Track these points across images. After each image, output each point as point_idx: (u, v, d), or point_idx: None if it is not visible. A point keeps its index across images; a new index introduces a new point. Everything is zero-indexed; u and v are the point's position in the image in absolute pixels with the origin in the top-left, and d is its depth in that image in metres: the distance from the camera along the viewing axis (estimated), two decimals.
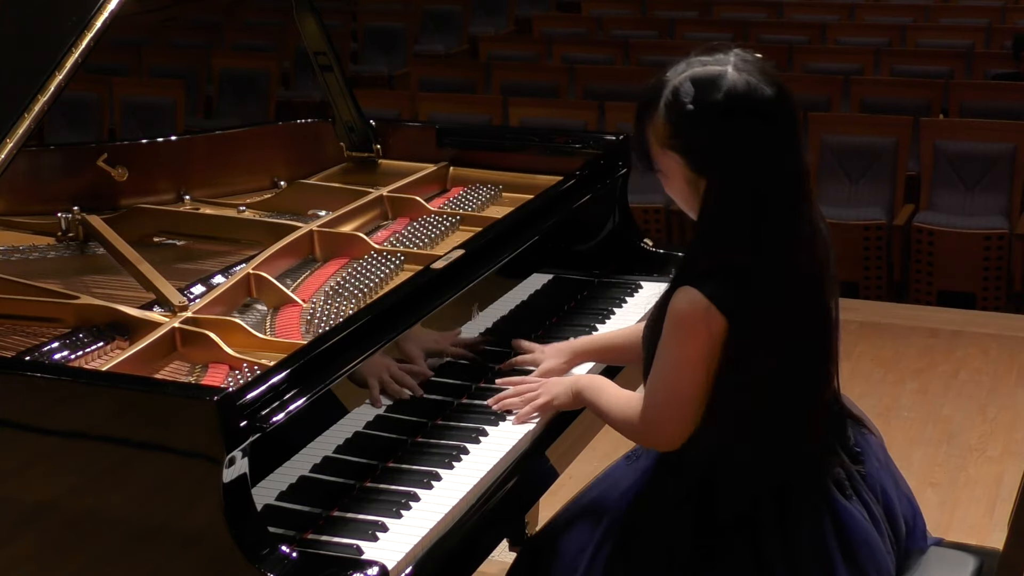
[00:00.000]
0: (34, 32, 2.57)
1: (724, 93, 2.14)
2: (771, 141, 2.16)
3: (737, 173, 2.16)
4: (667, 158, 2.22)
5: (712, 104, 2.15)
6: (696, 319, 2.17)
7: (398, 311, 2.45)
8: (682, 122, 2.17)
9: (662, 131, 2.20)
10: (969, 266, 6.42)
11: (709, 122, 2.16)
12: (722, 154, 2.16)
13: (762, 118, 2.16)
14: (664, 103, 2.19)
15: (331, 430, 2.27)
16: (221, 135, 3.55)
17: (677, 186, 2.25)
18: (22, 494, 2.13)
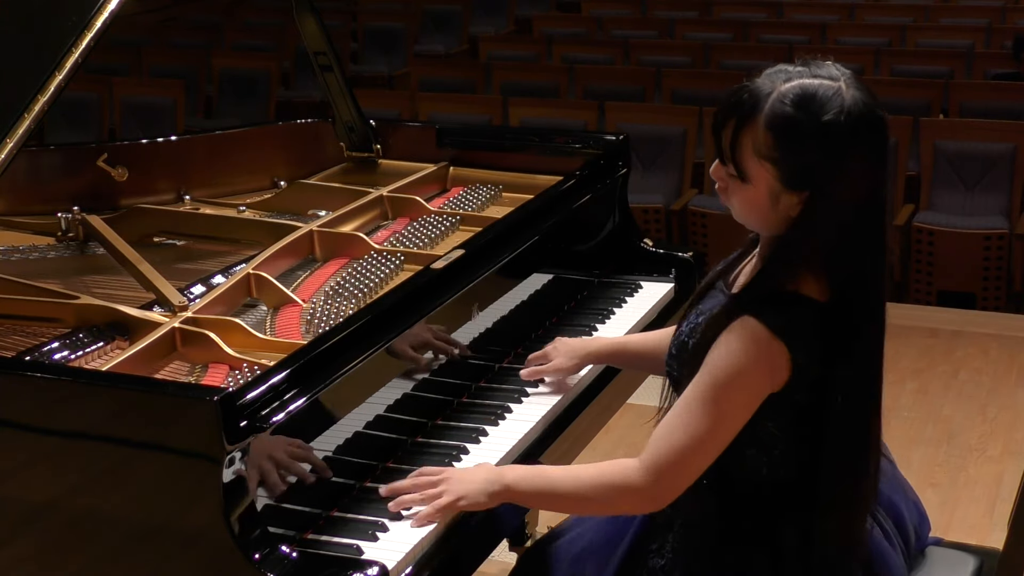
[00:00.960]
0: (34, 32, 2.57)
1: (841, 109, 2.04)
2: (878, 163, 2.08)
3: (839, 193, 2.06)
4: (758, 167, 2.08)
5: (826, 122, 2.04)
6: (760, 352, 2.07)
7: (398, 311, 2.45)
8: (788, 135, 2.05)
9: (762, 140, 2.06)
10: (969, 266, 6.42)
11: (819, 139, 2.04)
12: (826, 172, 2.05)
13: (875, 139, 2.07)
14: (770, 111, 2.06)
15: (331, 430, 2.27)
16: (221, 135, 3.55)
17: (755, 197, 2.11)
18: (22, 494, 2.13)
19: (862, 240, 2.10)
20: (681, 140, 7.21)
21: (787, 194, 2.09)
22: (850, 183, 2.06)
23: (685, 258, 3.32)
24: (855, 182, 2.07)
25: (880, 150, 2.09)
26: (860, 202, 2.08)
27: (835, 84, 2.08)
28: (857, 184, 2.07)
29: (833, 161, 2.05)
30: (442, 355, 2.59)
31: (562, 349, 2.70)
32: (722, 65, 8.82)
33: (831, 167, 2.05)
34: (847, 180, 2.06)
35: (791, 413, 2.14)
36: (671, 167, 7.18)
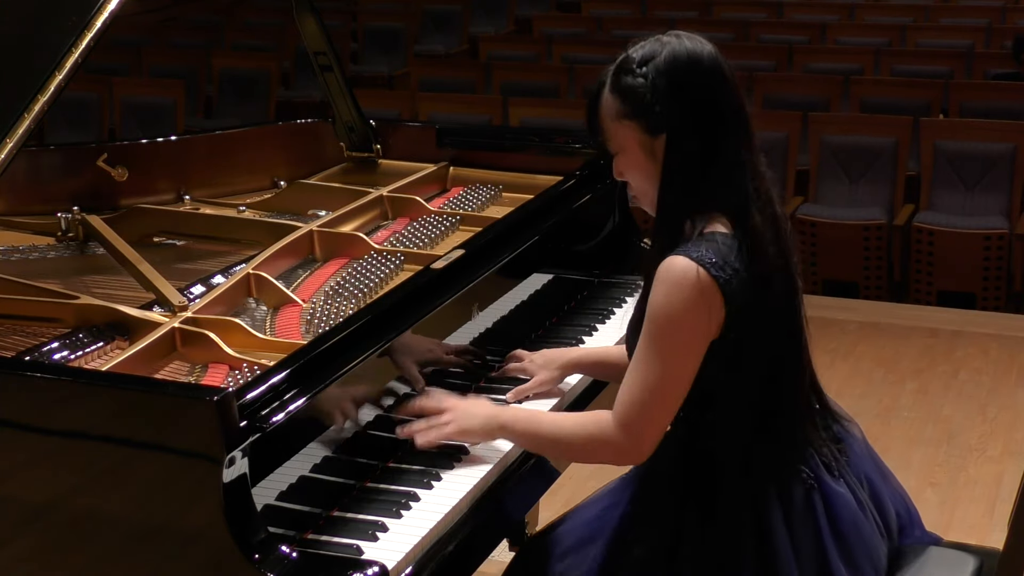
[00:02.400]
0: (34, 32, 2.57)
1: (665, 55, 2.22)
2: (716, 89, 2.23)
3: (688, 120, 2.21)
4: (621, 130, 2.26)
5: (655, 66, 2.22)
6: (689, 286, 2.15)
7: (398, 311, 2.45)
8: (628, 89, 2.23)
9: (611, 105, 2.26)
10: (969, 266, 6.42)
11: (654, 82, 2.21)
12: (671, 111, 2.20)
13: (705, 68, 2.22)
14: (609, 81, 2.26)
15: (331, 430, 2.27)
16: (221, 135, 3.55)
17: (634, 160, 2.28)
18: (22, 494, 2.13)
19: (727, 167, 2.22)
20: None
21: (655, 142, 2.24)
22: (687, 112, 2.21)
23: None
24: (699, 108, 2.21)
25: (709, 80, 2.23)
26: (713, 124, 2.22)
27: (662, 40, 2.26)
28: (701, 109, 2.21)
29: (670, 97, 2.21)
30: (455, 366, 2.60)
31: (540, 361, 2.66)
32: None
33: (669, 102, 2.21)
34: (684, 110, 2.21)
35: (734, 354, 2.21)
36: None
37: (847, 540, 2.27)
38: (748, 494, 2.26)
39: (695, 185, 2.23)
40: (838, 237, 6.53)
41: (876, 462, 2.46)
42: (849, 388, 5.19)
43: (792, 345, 2.29)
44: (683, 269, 2.15)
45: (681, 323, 2.17)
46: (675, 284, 2.16)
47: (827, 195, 6.86)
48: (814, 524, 2.26)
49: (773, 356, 2.26)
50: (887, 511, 2.40)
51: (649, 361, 2.20)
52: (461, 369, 2.65)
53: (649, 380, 2.20)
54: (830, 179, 6.90)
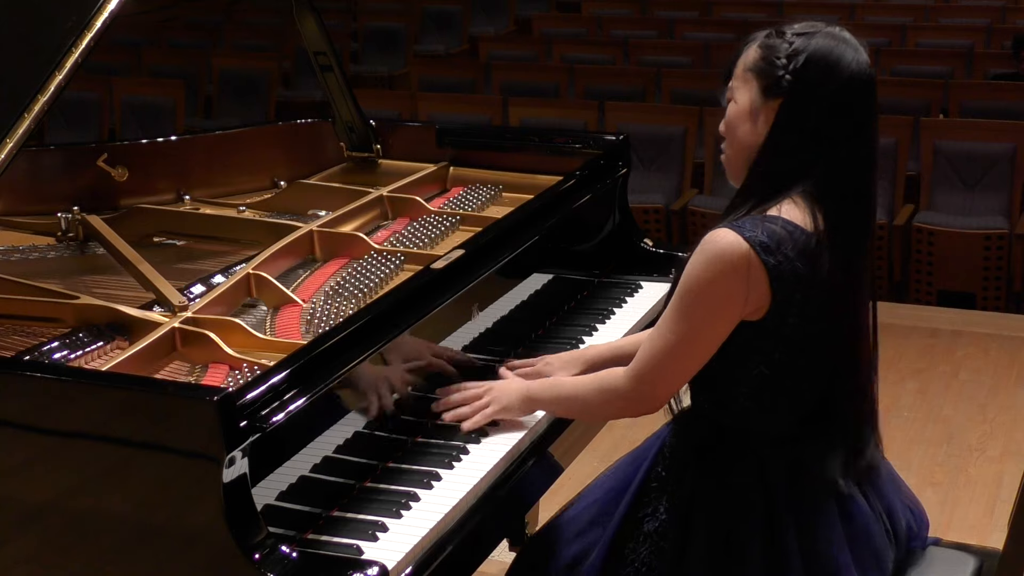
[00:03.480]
0: (34, 32, 2.57)
1: (816, 30, 2.24)
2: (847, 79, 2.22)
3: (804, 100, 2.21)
4: (744, 84, 2.27)
5: (803, 35, 2.23)
6: (733, 261, 2.15)
7: (398, 311, 2.45)
8: (770, 47, 2.25)
9: (751, 57, 2.28)
10: (969, 266, 6.42)
11: (792, 47, 2.23)
12: (795, 82, 2.21)
13: (847, 68, 2.22)
14: (765, 34, 2.29)
15: (331, 430, 2.27)
16: (221, 135, 3.55)
17: (738, 115, 2.27)
18: (22, 494, 2.13)
19: (839, 165, 2.21)
20: (681, 140, 7.21)
21: (765, 105, 2.24)
22: (814, 92, 2.21)
23: (685, 258, 3.31)
24: (819, 92, 2.21)
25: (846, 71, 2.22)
26: (828, 116, 2.21)
27: (829, 31, 2.27)
28: (822, 95, 2.21)
29: (800, 67, 2.22)
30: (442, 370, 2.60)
31: (557, 364, 2.66)
32: (722, 65, 8.81)
33: (798, 72, 2.22)
34: (809, 87, 2.21)
35: (780, 349, 2.20)
36: (671, 167, 7.19)
37: (858, 543, 2.27)
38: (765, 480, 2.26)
39: (789, 163, 2.23)
40: None
41: (889, 470, 2.46)
42: None
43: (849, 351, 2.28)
44: (730, 244, 2.16)
45: (714, 294, 2.18)
46: (717, 256, 2.16)
47: None
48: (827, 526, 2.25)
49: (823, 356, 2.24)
50: (897, 520, 2.40)
51: (675, 321, 2.24)
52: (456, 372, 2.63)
53: (669, 340, 2.24)
54: None
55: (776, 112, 2.23)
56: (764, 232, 2.16)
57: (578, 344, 2.90)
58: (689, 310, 2.21)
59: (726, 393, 2.29)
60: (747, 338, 2.22)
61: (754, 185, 2.26)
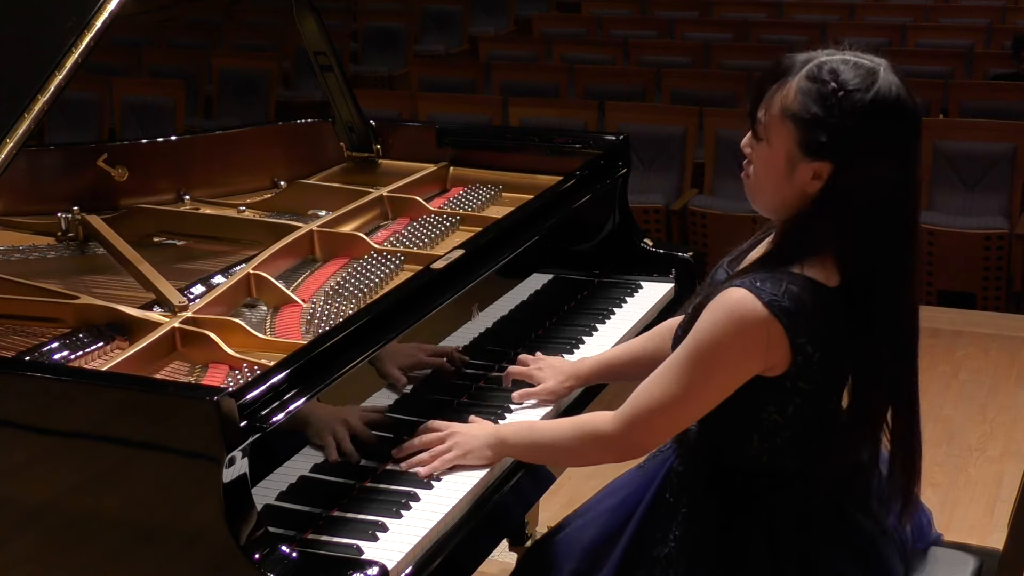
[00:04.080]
0: (34, 32, 2.57)
1: (872, 86, 2.06)
2: (900, 153, 2.07)
3: (857, 174, 2.05)
4: (780, 127, 2.08)
5: (856, 92, 2.04)
6: (748, 323, 2.05)
7: (398, 311, 2.45)
8: (817, 97, 2.05)
9: (792, 97, 2.07)
10: (969, 266, 6.42)
11: (844, 108, 2.04)
12: (844, 145, 2.04)
13: (900, 126, 2.07)
14: (807, 72, 2.07)
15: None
16: (221, 135, 3.55)
17: (774, 161, 2.10)
18: (22, 494, 2.13)
19: (880, 234, 2.08)
20: (681, 140, 7.21)
21: (804, 163, 2.07)
22: (869, 167, 2.05)
23: (685, 258, 3.32)
24: (874, 167, 2.05)
25: (903, 140, 2.08)
26: (879, 192, 2.06)
27: (874, 65, 2.09)
28: (876, 171, 2.05)
29: (851, 136, 2.04)
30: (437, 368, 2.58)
31: (549, 372, 2.64)
32: (722, 65, 8.82)
33: (849, 141, 2.04)
34: (865, 162, 2.05)
35: (795, 400, 2.14)
36: (671, 167, 7.19)
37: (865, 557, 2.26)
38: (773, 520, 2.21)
39: (832, 243, 2.09)
40: None
41: None
42: None
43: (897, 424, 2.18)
44: (749, 310, 2.05)
45: (728, 358, 2.09)
46: (736, 321, 2.05)
47: None
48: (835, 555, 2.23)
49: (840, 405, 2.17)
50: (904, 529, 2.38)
51: (681, 376, 2.13)
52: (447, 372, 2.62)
53: (671, 392, 2.15)
54: None
55: (822, 176, 2.06)
56: (787, 296, 2.05)
57: (578, 344, 2.90)
58: (698, 369, 2.11)
59: (736, 436, 2.22)
60: (761, 390, 2.14)
61: (786, 246, 2.12)
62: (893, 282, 2.12)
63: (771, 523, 2.22)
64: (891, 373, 2.16)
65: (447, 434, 2.37)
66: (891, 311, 2.12)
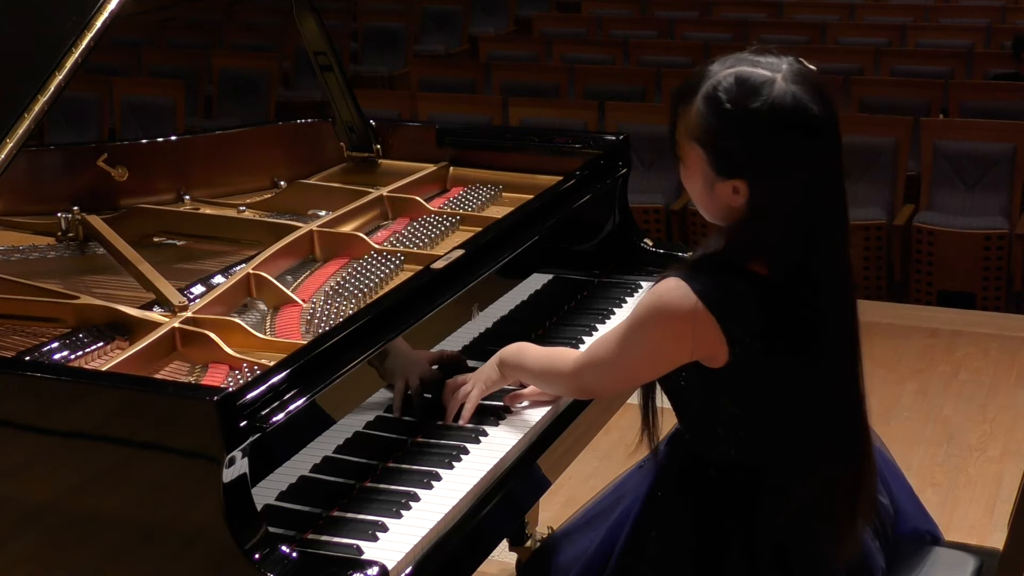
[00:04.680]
0: (34, 32, 2.57)
1: (766, 101, 2.03)
2: (808, 161, 2.06)
3: (765, 186, 2.07)
4: (691, 150, 2.11)
5: (751, 110, 2.03)
6: (681, 315, 2.09)
7: (398, 311, 2.45)
8: (715, 120, 2.06)
9: (693, 122, 2.09)
10: (969, 266, 6.42)
11: (743, 127, 2.05)
12: (750, 163, 2.06)
13: (802, 136, 2.04)
14: (703, 93, 2.07)
15: (331, 430, 2.27)
16: (221, 135, 3.55)
17: (694, 180, 2.15)
18: (22, 494, 2.13)
19: (810, 231, 2.10)
20: None
21: (719, 182, 2.10)
22: (782, 177, 2.06)
23: (685, 258, 3.31)
24: (787, 176, 2.06)
25: (808, 144, 2.06)
26: (800, 195, 2.07)
27: (770, 75, 2.05)
28: (791, 178, 2.06)
29: (756, 151, 2.05)
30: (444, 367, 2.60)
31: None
32: None
33: (755, 157, 2.06)
34: (777, 173, 2.06)
35: (749, 392, 2.16)
36: (671, 167, 7.12)
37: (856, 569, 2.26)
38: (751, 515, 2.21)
39: (764, 247, 2.11)
40: None
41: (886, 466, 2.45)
42: None
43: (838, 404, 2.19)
44: (677, 297, 2.10)
45: (654, 343, 2.17)
46: (662, 308, 2.12)
47: None
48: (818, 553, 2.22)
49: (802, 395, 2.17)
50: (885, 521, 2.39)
51: (616, 344, 2.24)
52: None
53: (607, 354, 2.27)
54: None
55: (741, 191, 2.08)
56: (721, 287, 2.09)
57: (578, 344, 2.90)
58: (630, 345, 2.21)
59: (701, 427, 2.26)
60: (711, 382, 2.17)
61: (728, 246, 2.14)
62: (829, 277, 2.15)
63: (747, 517, 2.22)
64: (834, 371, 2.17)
65: (467, 377, 2.55)
66: (829, 305, 2.15)
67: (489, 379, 2.53)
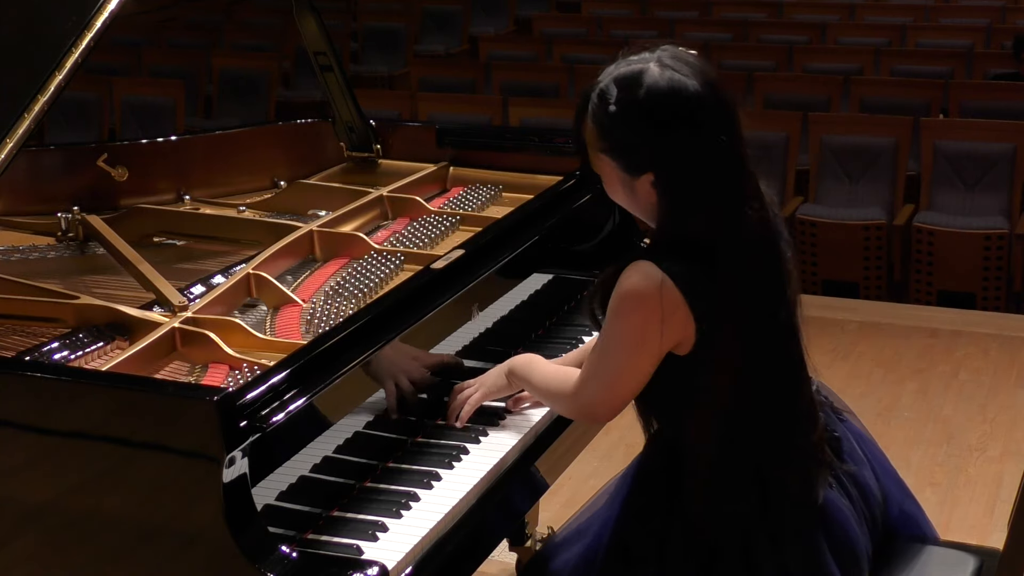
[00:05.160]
0: (34, 32, 2.57)
1: (645, 90, 2.11)
2: (698, 137, 2.12)
3: (670, 170, 2.13)
4: (601, 162, 2.20)
5: (634, 103, 2.12)
6: (649, 294, 2.13)
7: (398, 311, 2.45)
8: (607, 124, 2.15)
9: (592, 136, 2.19)
10: (969, 266, 6.42)
11: (632, 122, 2.13)
12: (651, 153, 2.13)
13: (686, 114, 2.11)
14: (591, 110, 2.18)
15: (331, 430, 2.27)
16: (221, 135, 3.55)
17: (615, 189, 2.23)
18: (22, 494, 2.13)
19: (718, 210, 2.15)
20: None
21: (635, 181, 2.18)
22: (682, 157, 2.12)
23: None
24: (687, 155, 2.12)
25: (698, 119, 2.12)
26: (707, 168, 2.13)
27: (643, 66, 2.14)
28: (692, 157, 2.12)
29: (651, 142, 2.13)
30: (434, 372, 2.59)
31: None
32: (722, 65, 8.81)
33: (651, 147, 2.13)
34: (676, 155, 2.12)
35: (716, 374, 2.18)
36: None
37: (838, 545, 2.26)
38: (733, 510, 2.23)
39: (685, 220, 2.17)
40: (838, 237, 6.53)
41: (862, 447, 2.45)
42: (849, 388, 5.18)
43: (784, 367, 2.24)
44: (645, 274, 2.14)
45: (629, 325, 2.17)
46: (632, 285, 2.15)
47: (827, 195, 6.85)
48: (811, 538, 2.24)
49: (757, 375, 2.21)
50: (872, 505, 2.39)
51: (604, 353, 2.23)
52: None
53: (599, 367, 2.25)
54: (830, 179, 6.90)
55: (654, 183, 2.16)
56: (680, 264, 2.13)
57: (578, 344, 2.90)
58: (611, 343, 2.21)
59: (675, 419, 2.28)
60: (682, 371, 2.19)
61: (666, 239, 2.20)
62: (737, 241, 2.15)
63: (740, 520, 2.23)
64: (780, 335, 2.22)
65: (473, 381, 2.55)
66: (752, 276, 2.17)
67: (495, 385, 2.53)
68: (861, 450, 2.43)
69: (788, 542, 2.24)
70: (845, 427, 2.42)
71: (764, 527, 2.23)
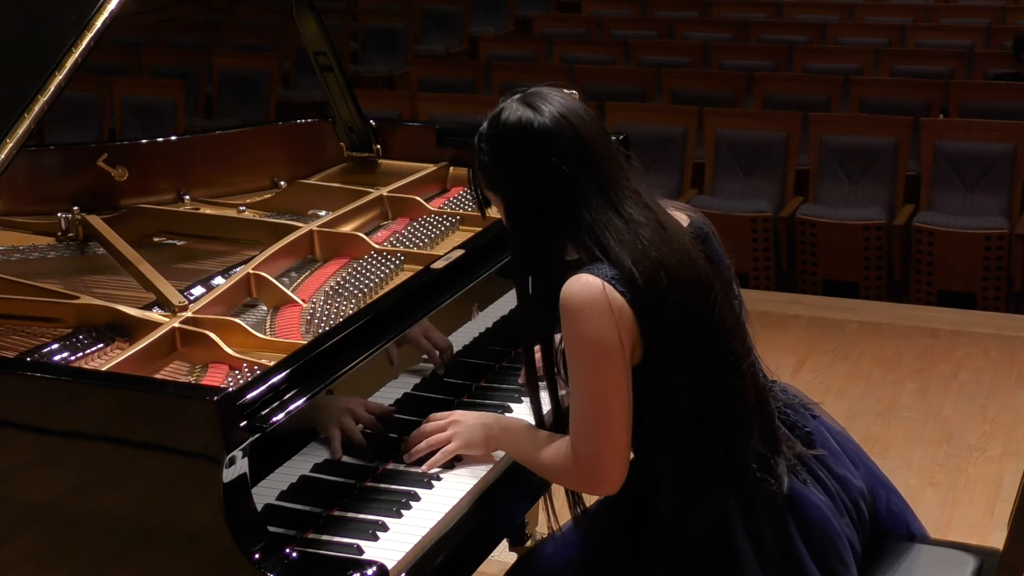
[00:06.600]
0: (34, 32, 2.57)
1: (501, 127, 2.22)
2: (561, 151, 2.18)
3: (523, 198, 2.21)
4: (495, 199, 2.29)
5: (497, 143, 2.23)
6: (596, 297, 2.11)
7: (398, 311, 2.45)
8: (488, 164, 2.25)
9: (481, 180, 2.29)
10: (969, 266, 6.42)
11: (496, 160, 2.23)
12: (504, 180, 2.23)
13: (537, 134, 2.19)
14: (476, 159, 2.28)
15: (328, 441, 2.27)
16: (221, 135, 3.55)
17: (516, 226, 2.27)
18: (22, 494, 2.13)
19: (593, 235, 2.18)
20: (681, 140, 7.21)
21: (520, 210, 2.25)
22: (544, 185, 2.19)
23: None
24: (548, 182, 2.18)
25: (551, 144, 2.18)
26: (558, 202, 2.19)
27: (503, 105, 2.25)
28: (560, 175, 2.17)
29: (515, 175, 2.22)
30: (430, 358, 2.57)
31: None
32: (722, 65, 8.83)
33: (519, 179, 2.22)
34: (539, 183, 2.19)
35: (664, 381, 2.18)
36: (671, 167, 7.19)
37: (817, 542, 2.26)
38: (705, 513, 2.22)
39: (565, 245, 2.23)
40: (838, 237, 6.53)
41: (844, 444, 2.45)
42: (849, 388, 5.18)
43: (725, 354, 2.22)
44: (584, 284, 2.13)
45: (591, 337, 2.13)
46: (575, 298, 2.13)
47: (827, 195, 6.85)
48: (785, 534, 2.23)
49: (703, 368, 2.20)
50: (856, 500, 2.38)
51: (580, 389, 2.17)
52: None
53: (583, 409, 2.17)
54: (830, 179, 6.90)
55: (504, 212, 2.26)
56: (614, 270, 2.14)
57: None
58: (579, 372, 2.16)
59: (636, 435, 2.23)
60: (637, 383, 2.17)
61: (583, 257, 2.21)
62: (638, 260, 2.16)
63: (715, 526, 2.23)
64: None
65: (448, 422, 2.41)
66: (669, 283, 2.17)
67: (472, 440, 2.39)
68: (837, 443, 2.43)
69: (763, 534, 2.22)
70: (818, 423, 2.42)
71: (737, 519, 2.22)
